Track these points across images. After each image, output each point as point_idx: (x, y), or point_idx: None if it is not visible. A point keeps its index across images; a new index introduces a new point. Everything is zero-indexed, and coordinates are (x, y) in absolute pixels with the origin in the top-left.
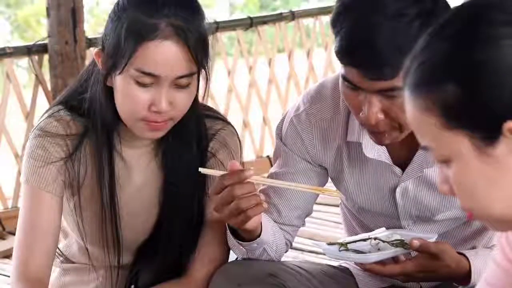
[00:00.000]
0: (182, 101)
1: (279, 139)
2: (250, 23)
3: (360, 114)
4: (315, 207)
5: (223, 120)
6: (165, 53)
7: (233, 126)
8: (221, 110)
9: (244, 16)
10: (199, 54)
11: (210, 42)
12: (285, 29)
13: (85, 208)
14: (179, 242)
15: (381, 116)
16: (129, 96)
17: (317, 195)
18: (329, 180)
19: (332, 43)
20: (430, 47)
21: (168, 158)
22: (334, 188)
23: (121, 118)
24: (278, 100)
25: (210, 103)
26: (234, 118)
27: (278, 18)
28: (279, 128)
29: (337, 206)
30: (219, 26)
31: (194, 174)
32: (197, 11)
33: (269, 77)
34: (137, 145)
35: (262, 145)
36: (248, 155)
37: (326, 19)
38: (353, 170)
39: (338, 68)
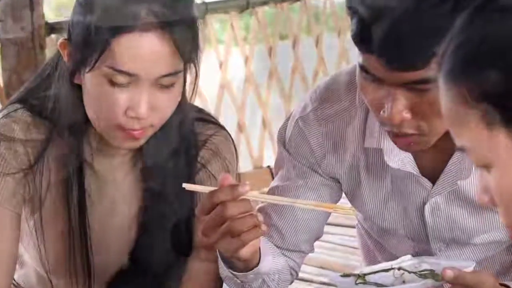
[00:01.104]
0: (165, 105)
1: (282, 146)
2: (246, 4)
3: (381, 112)
4: (326, 228)
5: (216, 123)
6: (144, 48)
7: (227, 131)
8: (211, 110)
9: None
10: (186, 47)
11: (199, 29)
12: (289, 11)
13: (48, 229)
14: (162, 272)
15: (407, 115)
16: (101, 99)
17: (329, 214)
18: (343, 195)
19: (347, 27)
20: (470, 28)
21: (149, 170)
22: (349, 205)
23: (92, 123)
24: (280, 98)
25: (197, 102)
26: (227, 120)
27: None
28: (282, 132)
29: (353, 227)
30: (208, 8)
31: (180, 190)
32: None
33: (269, 70)
34: (112, 154)
35: (261, 153)
36: (244, 165)
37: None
38: (372, 183)
39: (355, 58)
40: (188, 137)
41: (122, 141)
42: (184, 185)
